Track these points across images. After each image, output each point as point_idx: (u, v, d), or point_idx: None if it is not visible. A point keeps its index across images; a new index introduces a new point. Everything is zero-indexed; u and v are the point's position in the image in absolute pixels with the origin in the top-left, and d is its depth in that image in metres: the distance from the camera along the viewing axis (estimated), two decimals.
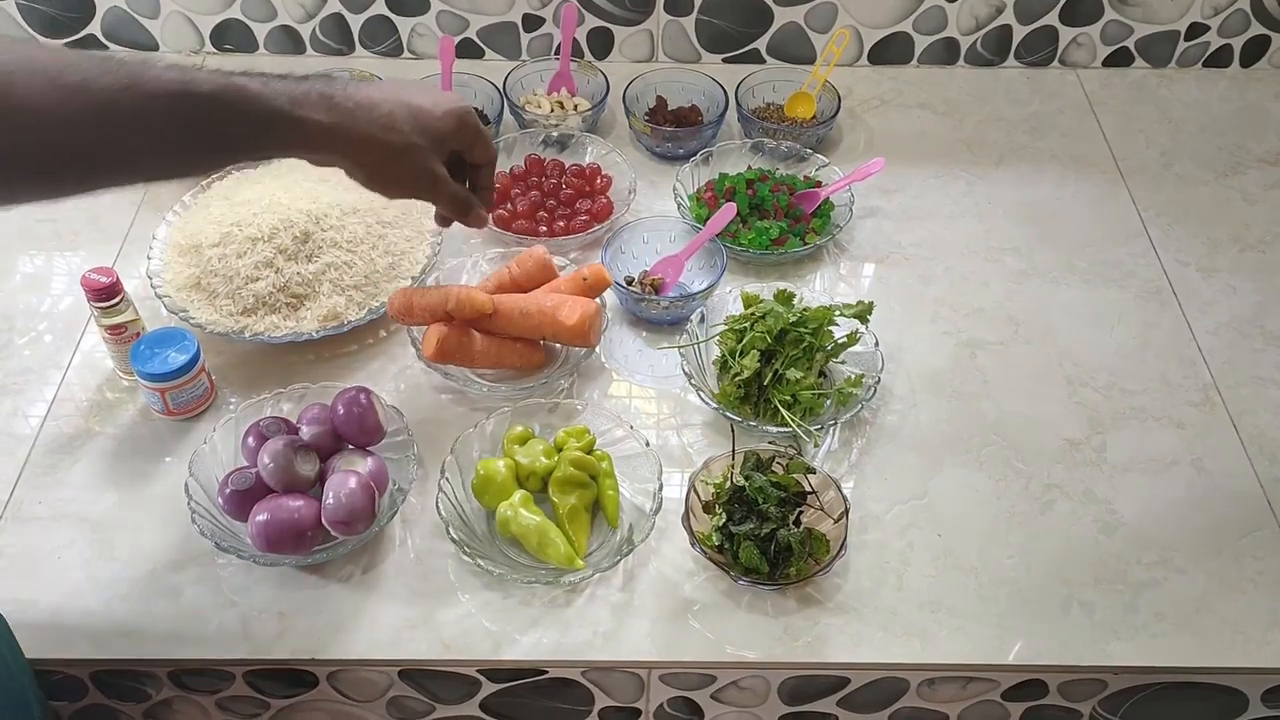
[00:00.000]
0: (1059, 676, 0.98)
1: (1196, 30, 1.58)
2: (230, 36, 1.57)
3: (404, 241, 1.24)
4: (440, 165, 0.97)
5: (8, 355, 1.18)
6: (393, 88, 0.93)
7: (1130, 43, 1.60)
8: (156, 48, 1.58)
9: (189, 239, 1.21)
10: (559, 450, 1.04)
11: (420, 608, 0.98)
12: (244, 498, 0.98)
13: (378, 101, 0.90)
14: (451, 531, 0.97)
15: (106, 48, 1.58)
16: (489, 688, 1.00)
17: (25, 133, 0.73)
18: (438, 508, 0.99)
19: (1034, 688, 1.00)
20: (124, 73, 0.77)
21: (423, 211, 1.29)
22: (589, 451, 1.04)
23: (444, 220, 1.07)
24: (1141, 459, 1.12)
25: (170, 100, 0.79)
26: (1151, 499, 1.08)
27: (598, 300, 1.14)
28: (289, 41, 1.57)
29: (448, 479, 1.02)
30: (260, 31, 1.56)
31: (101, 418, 1.12)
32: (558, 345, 1.18)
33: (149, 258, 1.21)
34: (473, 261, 1.23)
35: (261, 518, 0.96)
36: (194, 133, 0.81)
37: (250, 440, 1.02)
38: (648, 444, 1.04)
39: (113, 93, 0.76)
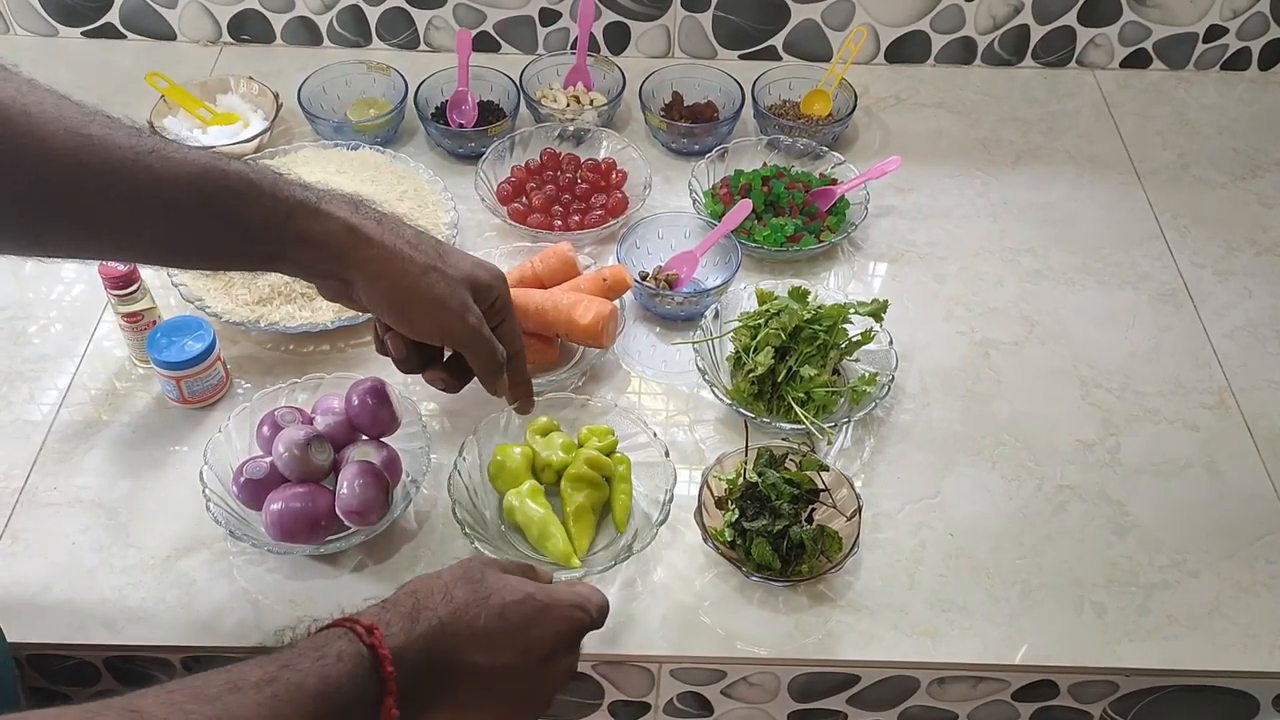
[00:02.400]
0: (1070, 677, 0.98)
1: (1215, 32, 1.58)
2: (248, 27, 1.58)
3: None
4: (474, 303, 0.88)
5: (23, 342, 1.18)
6: (430, 235, 0.89)
7: (1148, 44, 1.59)
8: (174, 38, 1.59)
9: None
10: (580, 447, 1.04)
11: None
12: (258, 486, 0.98)
13: (405, 224, 0.86)
14: (458, 511, 0.98)
15: (125, 37, 1.58)
16: None
17: (32, 170, 0.70)
18: (449, 487, 0.99)
19: (1045, 688, 1.00)
20: (150, 140, 0.75)
21: (436, 205, 1.29)
22: (610, 453, 1.04)
23: (446, 381, 0.95)
24: (1155, 461, 1.12)
25: (194, 171, 0.76)
26: (1165, 501, 1.08)
27: (615, 302, 1.14)
28: (306, 33, 1.58)
29: (465, 459, 1.02)
30: (278, 22, 1.57)
31: (116, 405, 1.12)
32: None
33: None
34: (499, 254, 1.23)
35: (275, 507, 0.96)
36: (211, 209, 0.77)
37: (265, 429, 1.03)
38: (667, 454, 1.04)
39: (135, 152, 0.73)
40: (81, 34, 1.58)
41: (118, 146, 0.73)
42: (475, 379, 0.95)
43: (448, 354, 0.96)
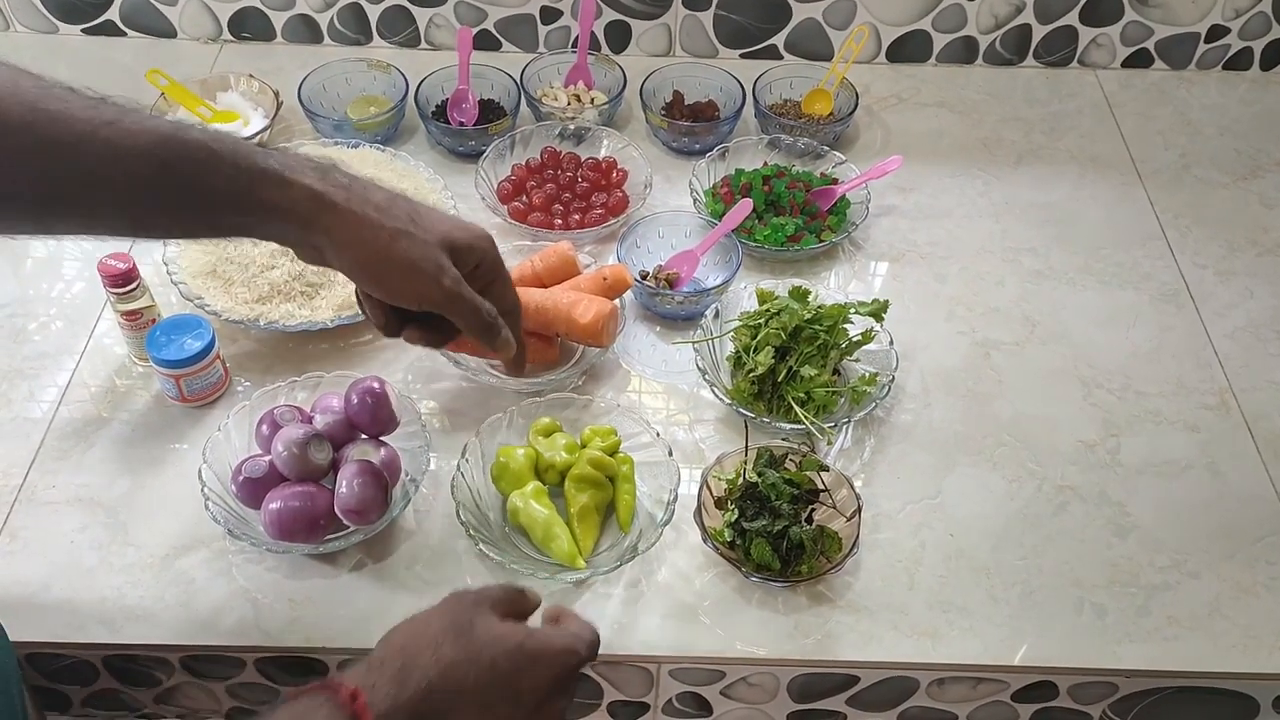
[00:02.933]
0: (1069, 678, 0.98)
1: (1217, 32, 1.57)
2: (248, 25, 1.57)
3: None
4: (451, 265, 0.84)
5: (22, 340, 1.18)
6: (405, 197, 0.85)
7: (1150, 44, 1.59)
8: (175, 35, 1.58)
9: None
10: (583, 447, 1.04)
11: (431, 598, 0.95)
12: (257, 485, 0.98)
13: (377, 188, 0.82)
14: (462, 513, 0.97)
15: (125, 34, 1.58)
16: None
17: None
18: (453, 489, 0.99)
19: (1044, 689, 1.00)
20: (110, 110, 0.73)
21: (436, 204, 1.28)
22: (613, 453, 1.04)
23: (429, 339, 0.89)
24: (1156, 462, 1.11)
25: (153, 140, 0.74)
26: (1165, 502, 1.08)
27: (615, 302, 1.14)
28: (307, 30, 1.57)
29: (467, 460, 1.02)
30: (278, 20, 1.57)
31: (115, 403, 1.12)
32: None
33: (164, 244, 1.21)
34: (500, 252, 1.22)
35: (274, 505, 0.96)
36: (171, 179, 0.75)
37: (264, 428, 1.02)
38: (670, 453, 1.04)
39: (93, 125, 0.72)
40: (82, 31, 1.58)
41: (74, 119, 0.71)
42: (455, 339, 0.90)
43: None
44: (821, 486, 1.02)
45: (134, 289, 1.08)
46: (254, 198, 0.78)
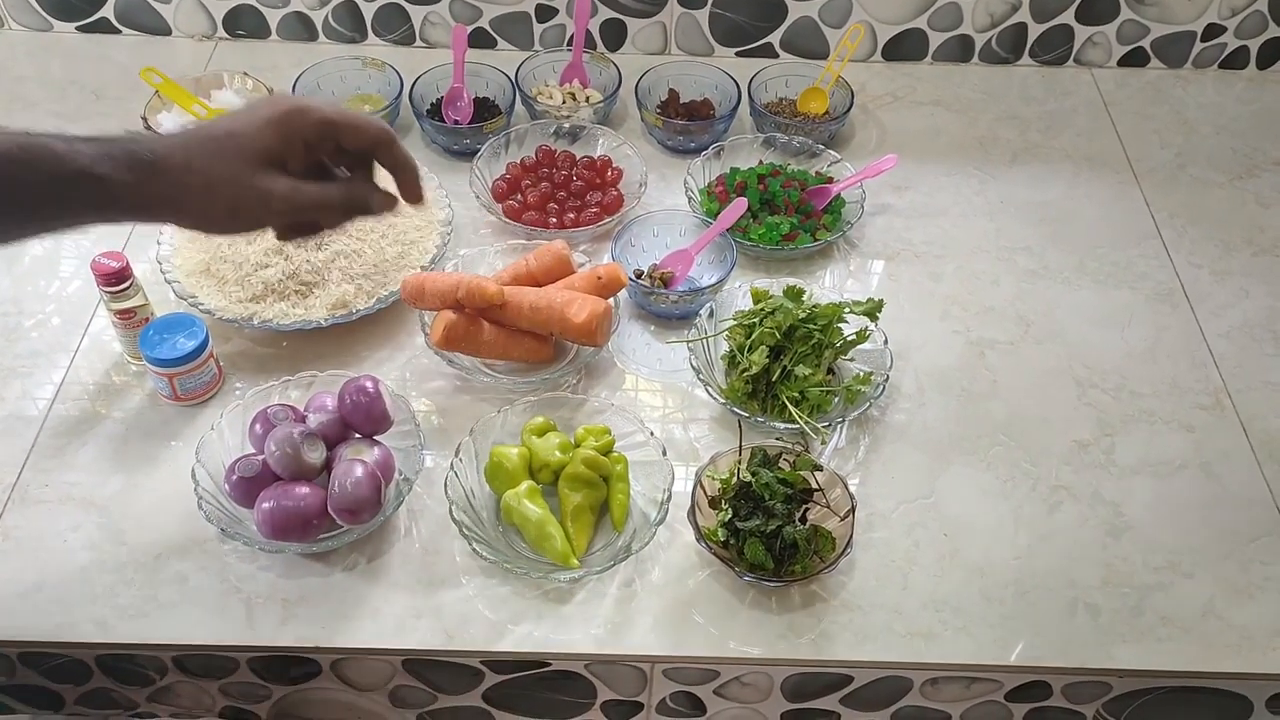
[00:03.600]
0: (1063, 678, 0.98)
1: (1213, 31, 1.57)
2: (243, 22, 1.57)
3: (414, 231, 1.24)
4: (272, 178, 0.81)
5: (16, 338, 1.18)
6: (208, 125, 0.83)
7: (1146, 43, 1.59)
8: (169, 32, 1.58)
9: None
10: (576, 446, 1.04)
11: (424, 598, 0.98)
12: (250, 485, 0.98)
13: (176, 149, 0.80)
14: (454, 512, 0.97)
15: (119, 32, 1.58)
16: (492, 679, 1.00)
17: None
18: (446, 488, 0.99)
19: (1038, 689, 1.00)
20: None
21: (431, 201, 1.28)
22: (607, 452, 1.03)
23: (295, 230, 0.89)
24: (1150, 462, 1.11)
25: None
26: (1159, 502, 1.08)
27: (609, 301, 1.13)
28: (302, 28, 1.57)
29: (461, 459, 1.02)
30: (273, 18, 1.56)
31: (109, 402, 1.12)
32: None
33: (159, 243, 1.21)
34: (495, 251, 1.23)
35: (267, 505, 0.96)
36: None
37: (258, 427, 1.02)
38: (664, 452, 1.04)
39: None
40: (76, 29, 1.58)
41: None
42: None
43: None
44: (815, 486, 1.02)
45: (127, 288, 1.08)
46: (77, 200, 0.78)
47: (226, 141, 0.81)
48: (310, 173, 0.84)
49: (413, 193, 0.87)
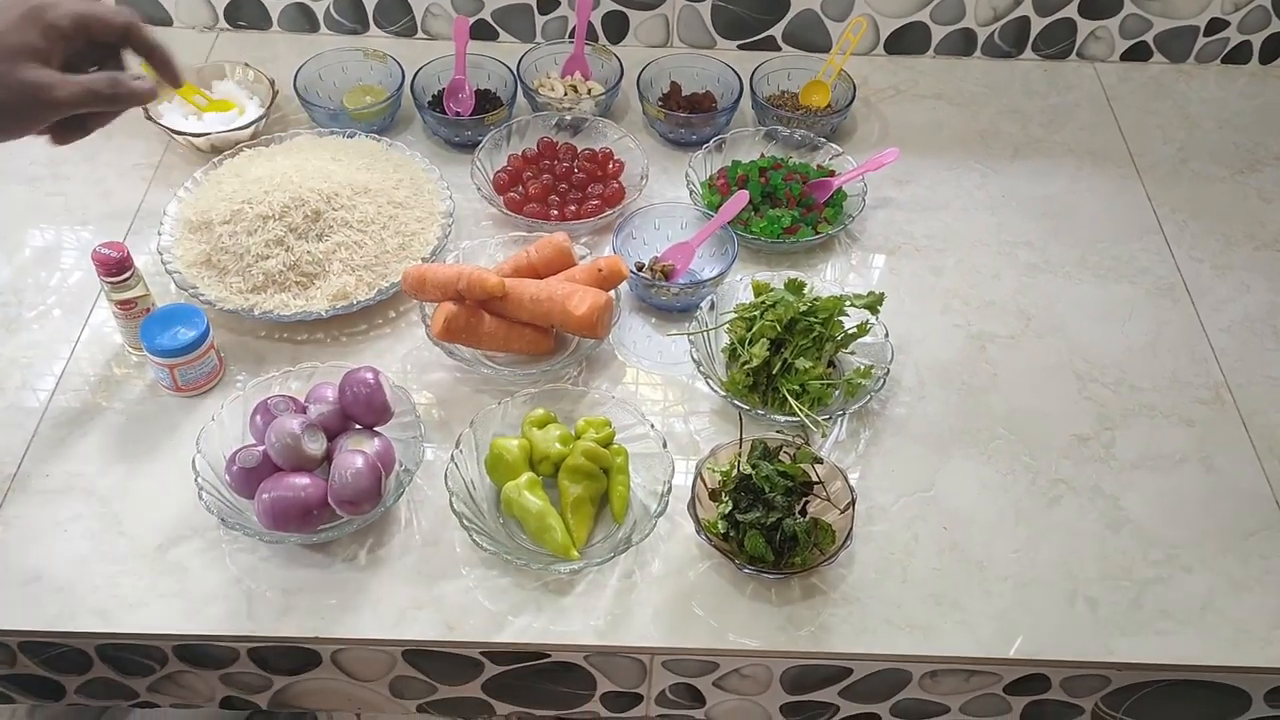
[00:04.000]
0: (1061, 671, 0.98)
1: (1216, 26, 1.57)
2: (244, 13, 1.57)
3: (415, 222, 1.24)
4: (38, 71, 0.82)
5: (17, 329, 1.18)
6: None
7: (1149, 37, 1.59)
8: (170, 23, 1.58)
9: (200, 215, 1.21)
10: (577, 438, 1.04)
11: (424, 589, 0.98)
12: (251, 475, 0.98)
13: None
14: (455, 504, 0.97)
15: None
16: (491, 669, 1.00)
17: None
18: (446, 479, 0.99)
19: (1036, 682, 1.00)
20: None
21: (432, 194, 1.28)
22: (607, 445, 1.03)
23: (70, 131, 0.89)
24: (1150, 456, 1.11)
25: None
26: (1159, 496, 1.08)
27: (610, 293, 1.13)
28: (303, 19, 1.57)
29: (462, 451, 1.02)
30: (274, 8, 1.56)
31: (110, 392, 1.12)
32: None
33: (159, 233, 1.21)
34: (496, 243, 1.23)
35: (268, 495, 0.96)
36: None
37: (258, 418, 1.02)
38: (665, 445, 1.04)
39: None
40: None
41: None
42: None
43: None
44: (815, 479, 1.02)
45: (128, 278, 1.08)
46: None
47: None
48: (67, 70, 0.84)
49: (171, 75, 0.90)
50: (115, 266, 1.07)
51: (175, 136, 1.36)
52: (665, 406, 1.14)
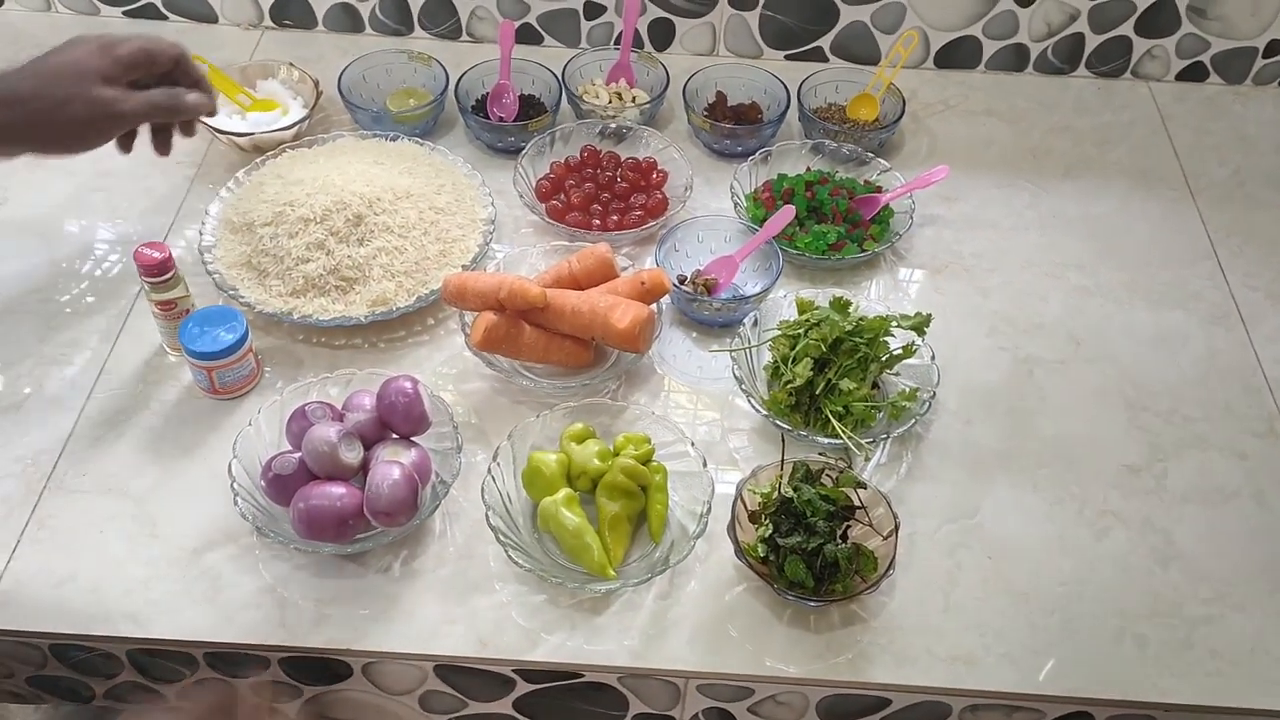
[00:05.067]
0: (1107, 710, 0.96)
1: (1276, 48, 1.53)
2: (290, 12, 1.56)
3: (456, 229, 1.23)
4: (111, 89, 0.97)
5: (57, 326, 1.18)
6: (36, 62, 0.96)
7: (1206, 57, 1.55)
8: (216, 20, 1.58)
9: (242, 216, 1.20)
10: (616, 454, 1.02)
11: (458, 604, 0.97)
12: (286, 482, 0.97)
13: (24, 80, 0.94)
14: (491, 518, 0.96)
15: (166, 18, 1.58)
16: (523, 687, 0.99)
17: None
18: (483, 492, 0.98)
19: None
20: None
21: (474, 200, 1.27)
22: (646, 462, 1.02)
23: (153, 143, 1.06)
24: (1202, 489, 1.09)
25: None
26: (1210, 531, 1.05)
27: (652, 307, 1.12)
28: (348, 19, 1.56)
29: (499, 464, 1.01)
30: (320, 8, 1.55)
31: (147, 393, 1.12)
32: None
33: (201, 233, 1.21)
34: (537, 252, 1.22)
35: (303, 504, 0.95)
36: None
37: (295, 424, 1.01)
38: (705, 464, 1.02)
39: None
40: (123, 14, 1.58)
41: None
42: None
43: None
44: (858, 503, 0.99)
45: (169, 279, 1.07)
46: None
47: (64, 69, 0.96)
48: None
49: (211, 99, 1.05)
50: (157, 267, 1.06)
51: (218, 135, 1.35)
52: (705, 424, 1.12)
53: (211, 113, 1.05)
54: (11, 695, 1.04)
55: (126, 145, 1.04)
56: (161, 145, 1.06)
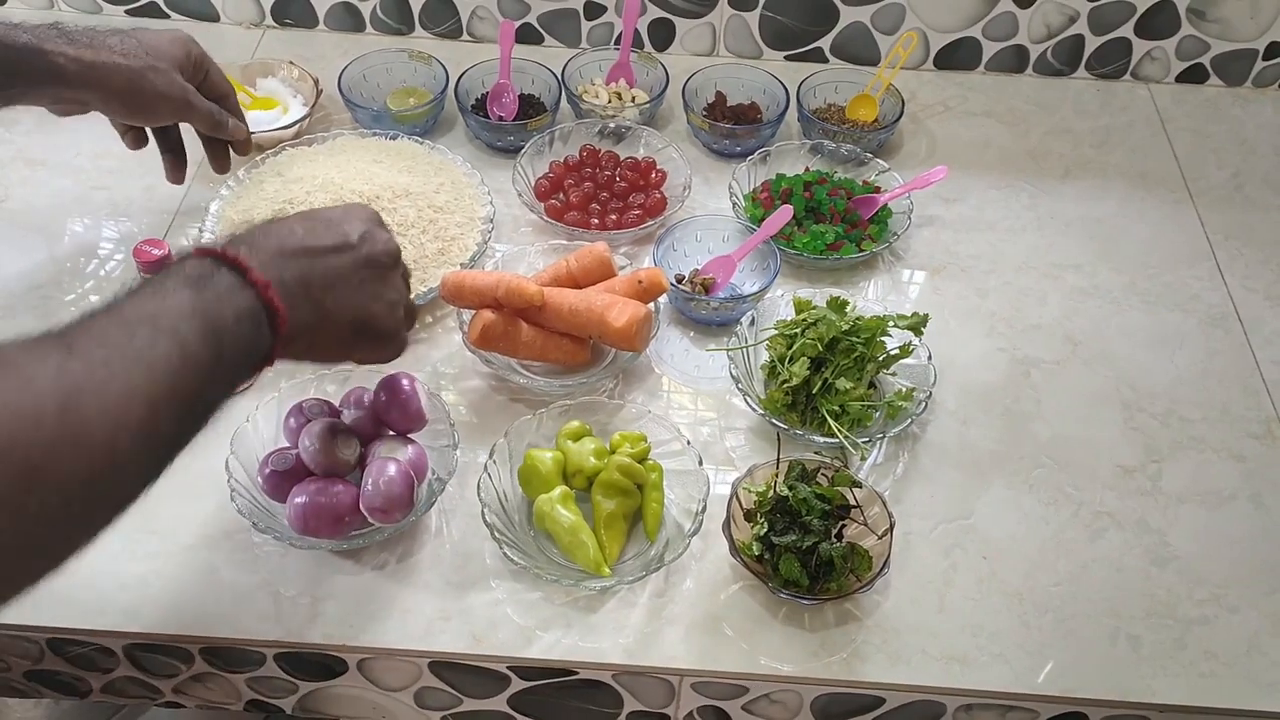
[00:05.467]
0: (1101, 710, 0.96)
1: (1276, 50, 1.54)
2: (292, 11, 1.57)
3: (454, 227, 1.23)
4: (185, 81, 1.10)
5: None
6: (125, 39, 1.07)
7: (1206, 59, 1.55)
8: (217, 19, 1.58)
9: (242, 214, 1.20)
10: (612, 452, 1.02)
11: (453, 600, 0.97)
12: (283, 479, 0.98)
13: (111, 33, 1.05)
14: (487, 515, 0.96)
15: (168, 16, 1.58)
16: (518, 684, 0.99)
17: None
18: (479, 489, 0.98)
19: None
20: None
21: (473, 199, 1.28)
22: (642, 460, 1.02)
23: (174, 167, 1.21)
24: (1198, 490, 1.09)
25: None
26: (1206, 532, 1.05)
27: (650, 306, 1.12)
28: (349, 18, 1.57)
29: (495, 462, 1.01)
30: (321, 7, 1.56)
31: None
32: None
33: (202, 231, 1.21)
34: (535, 251, 1.22)
35: (300, 500, 0.95)
36: None
37: (292, 421, 1.02)
38: (701, 462, 1.02)
39: None
40: (125, 12, 1.58)
41: None
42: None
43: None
44: (853, 503, 1.00)
45: None
46: (20, 75, 0.98)
47: (155, 44, 1.08)
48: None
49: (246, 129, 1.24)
50: (157, 264, 1.06)
51: None
52: (701, 422, 1.12)
53: (246, 140, 1.21)
54: (9, 689, 1.04)
55: (140, 141, 1.17)
56: (221, 163, 1.21)
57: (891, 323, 1.11)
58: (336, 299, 0.80)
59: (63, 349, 0.61)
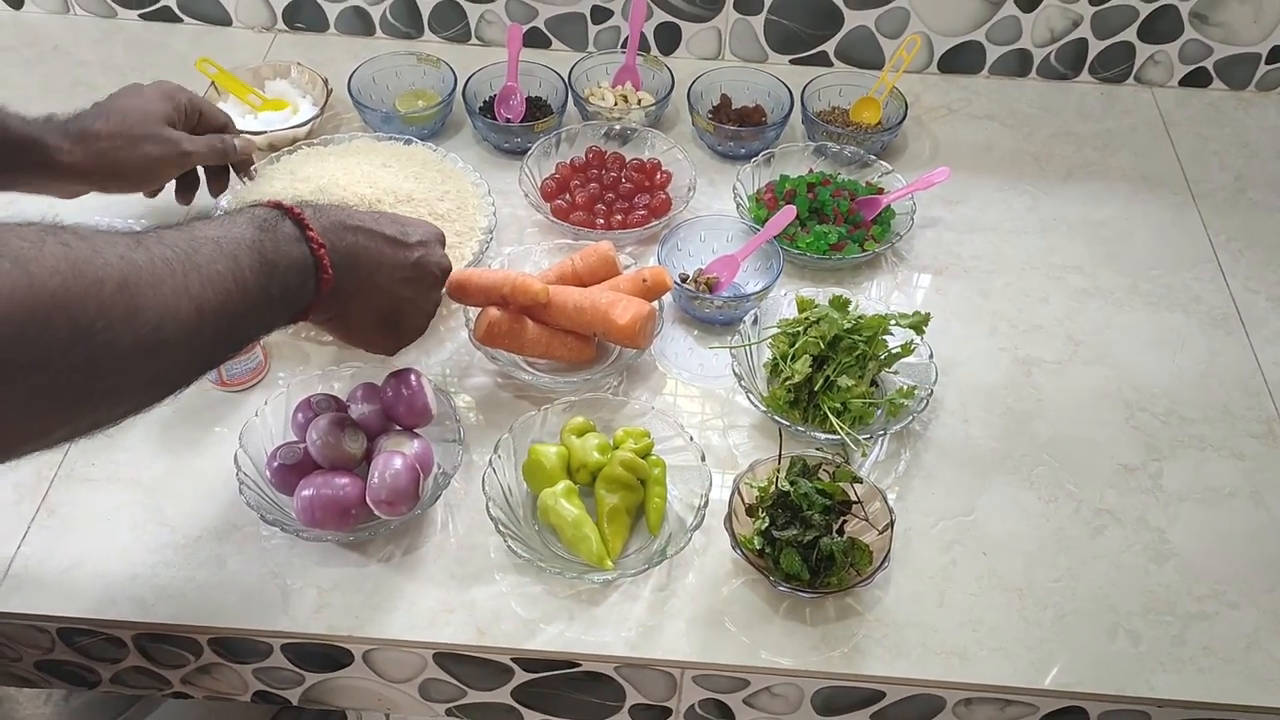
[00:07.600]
0: (1100, 705, 0.96)
1: (1278, 54, 1.54)
2: (302, 15, 1.59)
3: (453, 236, 1.23)
4: (176, 131, 1.11)
5: None
6: (108, 102, 1.09)
7: (1209, 63, 1.56)
8: (229, 23, 1.60)
9: None
10: (615, 448, 1.03)
11: (458, 592, 0.98)
12: (291, 472, 0.99)
13: (99, 118, 1.06)
14: (491, 509, 0.97)
15: (181, 20, 1.60)
16: (521, 676, 1.00)
17: None
18: (484, 484, 0.99)
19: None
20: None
21: (477, 209, 1.28)
22: (645, 455, 1.03)
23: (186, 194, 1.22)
24: (1198, 489, 1.09)
25: None
26: (1206, 530, 1.06)
27: (653, 304, 1.13)
28: (359, 22, 1.59)
29: (500, 456, 1.02)
30: (332, 11, 1.58)
31: None
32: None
33: None
34: (541, 250, 1.23)
35: (307, 493, 0.96)
36: None
37: (300, 415, 1.03)
38: (703, 458, 1.03)
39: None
40: (139, 16, 1.60)
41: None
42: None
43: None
44: (854, 498, 1.01)
45: None
46: (34, 161, 1.02)
47: (135, 110, 1.08)
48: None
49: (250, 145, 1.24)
50: None
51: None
52: (704, 419, 1.13)
53: (250, 160, 1.23)
54: (19, 679, 1.06)
55: (187, 197, 1.21)
56: (218, 185, 1.22)
57: (893, 321, 1.12)
58: (377, 283, 0.91)
59: (133, 240, 0.68)
